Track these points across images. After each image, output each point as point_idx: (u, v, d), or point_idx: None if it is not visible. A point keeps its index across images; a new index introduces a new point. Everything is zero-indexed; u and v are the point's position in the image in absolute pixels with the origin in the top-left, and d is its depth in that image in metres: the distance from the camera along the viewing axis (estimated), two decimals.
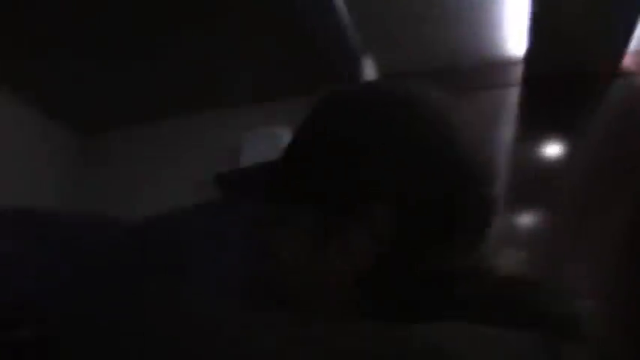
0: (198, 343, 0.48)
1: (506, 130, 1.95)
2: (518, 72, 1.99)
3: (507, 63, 2.02)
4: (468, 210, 0.60)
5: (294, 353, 0.46)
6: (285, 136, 1.85)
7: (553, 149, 1.89)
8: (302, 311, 0.54)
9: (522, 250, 0.62)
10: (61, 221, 1.45)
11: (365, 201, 0.58)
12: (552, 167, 1.86)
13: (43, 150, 2.05)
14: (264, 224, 0.70)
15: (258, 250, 0.71)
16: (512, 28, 1.89)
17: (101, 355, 0.53)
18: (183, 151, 2.05)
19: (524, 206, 1.79)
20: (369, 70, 1.91)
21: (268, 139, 1.84)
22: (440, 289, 0.58)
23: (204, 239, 1.33)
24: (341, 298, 0.60)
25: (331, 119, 0.65)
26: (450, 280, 0.58)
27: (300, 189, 0.64)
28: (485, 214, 0.61)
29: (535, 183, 1.79)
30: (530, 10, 1.66)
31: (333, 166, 0.61)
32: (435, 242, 0.58)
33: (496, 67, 2.03)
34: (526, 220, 1.79)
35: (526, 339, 0.47)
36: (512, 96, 1.99)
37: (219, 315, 0.53)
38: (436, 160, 0.59)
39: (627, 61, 1.84)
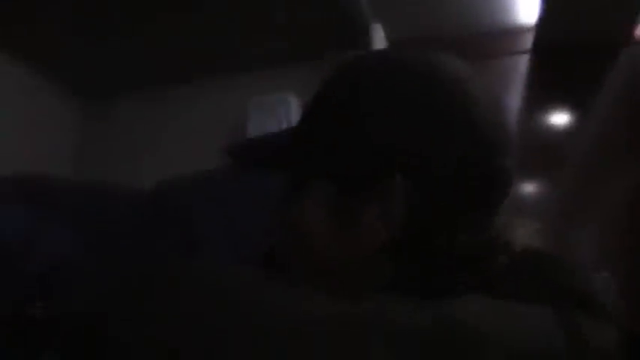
0: (218, 310, 0.49)
1: (515, 98, 1.94)
2: (528, 39, 1.97)
3: (518, 30, 1.99)
4: (486, 180, 0.60)
5: (313, 330, 0.46)
6: (292, 102, 1.85)
7: (561, 118, 1.89)
8: (319, 284, 0.54)
9: (530, 219, 0.62)
10: (71, 190, 1.46)
11: (381, 173, 0.58)
12: (560, 136, 1.86)
13: (44, 115, 2.04)
14: (280, 196, 0.70)
15: (273, 222, 0.72)
16: None
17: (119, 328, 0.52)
18: (190, 117, 2.04)
19: (530, 175, 1.80)
20: (378, 36, 1.89)
21: (276, 105, 1.84)
22: (458, 262, 0.58)
23: (216, 208, 1.35)
24: (359, 272, 0.60)
25: (346, 89, 0.64)
26: (468, 253, 0.58)
27: (315, 160, 0.64)
28: (502, 184, 0.61)
29: (542, 151, 1.79)
30: None
31: (348, 138, 0.61)
32: (452, 215, 0.58)
33: (507, 33, 2.01)
34: (532, 189, 1.80)
35: (544, 314, 0.48)
36: (522, 64, 1.98)
37: (240, 284, 0.53)
38: (454, 129, 0.58)
39: (638, 30, 1.82)
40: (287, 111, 1.82)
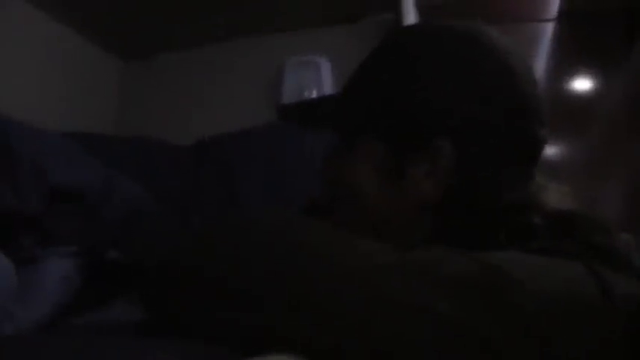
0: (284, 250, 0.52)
1: (541, 64, 1.97)
2: (555, 5, 1.99)
3: None
4: (524, 147, 0.65)
5: (366, 276, 0.48)
6: (324, 64, 1.89)
7: (586, 83, 1.93)
8: (367, 236, 0.55)
9: (559, 182, 0.67)
10: (118, 144, 1.52)
11: (429, 135, 0.63)
12: (585, 100, 1.90)
13: (87, 76, 2.05)
14: (326, 154, 0.75)
15: (320, 177, 0.76)
16: None
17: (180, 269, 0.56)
18: (227, 76, 2.07)
19: (558, 139, 1.85)
20: (408, 1, 1.91)
21: (309, 67, 1.88)
22: (496, 221, 0.62)
23: (257, 164, 1.41)
24: (406, 225, 0.64)
25: (399, 55, 0.68)
26: (506, 213, 0.63)
27: (366, 120, 0.68)
28: (538, 151, 0.66)
29: (568, 116, 1.82)
30: None
31: (399, 101, 0.65)
32: (492, 177, 0.63)
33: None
34: (559, 152, 1.86)
35: (575, 265, 0.50)
36: (548, 30, 2.00)
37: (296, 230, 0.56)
38: (498, 94, 0.63)
39: None
40: (318, 73, 1.87)
